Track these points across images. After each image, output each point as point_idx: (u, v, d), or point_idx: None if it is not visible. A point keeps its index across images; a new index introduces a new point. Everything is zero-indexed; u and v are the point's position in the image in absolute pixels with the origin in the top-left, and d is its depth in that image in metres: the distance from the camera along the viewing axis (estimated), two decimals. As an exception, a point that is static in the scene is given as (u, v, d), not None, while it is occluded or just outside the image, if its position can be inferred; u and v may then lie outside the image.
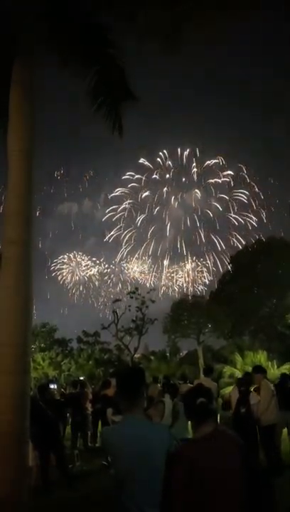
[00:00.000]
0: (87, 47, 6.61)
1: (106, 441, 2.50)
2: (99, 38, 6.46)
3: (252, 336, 35.00)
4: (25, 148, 5.23)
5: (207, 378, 9.71)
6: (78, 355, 32.29)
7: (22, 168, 5.18)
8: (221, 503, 2.26)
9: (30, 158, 5.27)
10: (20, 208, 5.06)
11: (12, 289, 4.83)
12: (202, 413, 2.51)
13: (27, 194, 5.17)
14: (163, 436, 2.41)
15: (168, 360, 31.98)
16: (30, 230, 5.18)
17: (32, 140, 5.36)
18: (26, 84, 5.43)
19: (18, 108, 5.34)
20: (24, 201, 5.12)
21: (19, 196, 5.09)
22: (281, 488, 5.72)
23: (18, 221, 5.03)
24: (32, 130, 5.38)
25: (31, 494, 5.81)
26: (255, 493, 2.41)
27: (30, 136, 5.33)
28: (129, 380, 2.51)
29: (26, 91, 5.41)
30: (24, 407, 4.72)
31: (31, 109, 5.43)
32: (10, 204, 5.08)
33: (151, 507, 2.25)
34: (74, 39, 6.51)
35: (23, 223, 5.07)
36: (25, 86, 5.42)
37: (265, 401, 7.32)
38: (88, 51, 6.65)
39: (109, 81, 6.76)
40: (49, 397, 8.40)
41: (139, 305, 30.97)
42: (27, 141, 5.28)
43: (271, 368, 19.90)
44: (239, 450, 2.46)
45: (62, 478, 7.68)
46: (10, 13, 5.89)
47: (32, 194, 5.29)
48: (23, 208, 5.08)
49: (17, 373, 4.64)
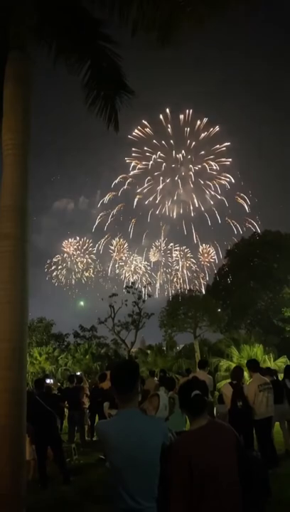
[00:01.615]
0: (81, 40, 6.56)
1: (102, 434, 2.51)
2: (93, 31, 6.42)
3: (248, 329, 35.16)
4: (20, 142, 5.20)
5: (203, 371, 9.74)
6: (75, 350, 32.30)
7: (17, 163, 5.15)
8: (218, 493, 2.28)
9: (25, 153, 5.24)
10: (16, 202, 5.04)
11: (8, 283, 4.82)
12: (197, 406, 2.53)
13: (22, 189, 5.15)
14: (158, 429, 2.43)
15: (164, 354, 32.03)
16: (26, 224, 5.17)
17: (27, 134, 5.33)
18: (20, 78, 5.39)
19: (12, 102, 5.31)
20: (19, 196, 5.09)
21: (14, 191, 5.07)
22: (276, 478, 5.81)
23: (13, 216, 5.01)
24: (27, 124, 5.35)
25: (28, 488, 5.86)
26: (250, 482, 2.43)
27: (25, 130, 5.29)
28: (123, 374, 2.52)
29: (20, 85, 5.37)
30: (21, 402, 4.73)
31: (26, 103, 5.39)
32: (5, 199, 5.06)
33: (147, 499, 2.27)
34: (67, 32, 6.46)
35: (19, 218, 5.05)
36: (20, 80, 5.38)
37: (250, 395, 7.36)
38: (82, 45, 6.61)
39: (103, 75, 6.72)
40: (46, 392, 8.42)
41: (136, 299, 31.06)
42: (22, 135, 5.25)
43: (267, 361, 20.02)
44: (234, 441, 2.49)
45: (59, 472, 7.72)
46: (1, 6, 5.84)
47: (27, 189, 5.27)
48: (18, 202, 5.06)
49: (13, 368, 4.65)
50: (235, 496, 2.35)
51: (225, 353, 23.43)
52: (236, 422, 6.37)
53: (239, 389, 7.42)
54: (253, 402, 7.32)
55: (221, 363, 21.52)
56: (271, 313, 34.32)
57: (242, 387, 7.47)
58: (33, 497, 6.08)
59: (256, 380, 7.67)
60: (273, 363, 20.15)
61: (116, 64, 6.67)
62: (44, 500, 6.48)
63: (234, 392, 7.39)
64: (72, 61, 6.65)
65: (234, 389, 7.44)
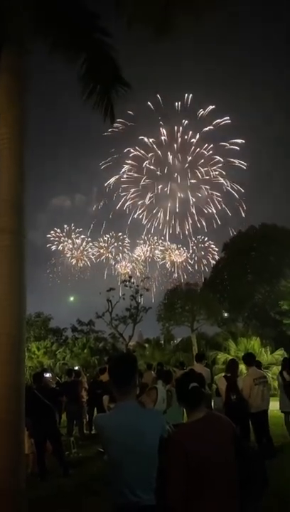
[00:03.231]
0: (77, 33, 6.52)
1: (100, 428, 2.52)
2: (89, 24, 6.37)
3: (246, 322, 35.27)
4: (15, 135, 5.17)
5: (200, 364, 9.79)
6: (73, 344, 32.36)
7: (13, 157, 5.13)
8: (216, 485, 2.30)
9: (21, 146, 5.21)
10: (12, 196, 5.02)
11: (5, 278, 4.82)
12: (195, 398, 2.54)
13: (18, 182, 5.13)
14: (156, 422, 2.44)
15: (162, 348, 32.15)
16: (23, 218, 5.15)
17: (24, 128, 5.30)
18: (17, 72, 5.35)
19: (8, 96, 5.27)
20: (15, 189, 5.07)
21: (10, 184, 5.05)
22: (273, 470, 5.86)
23: (10, 210, 4.99)
24: (24, 119, 5.32)
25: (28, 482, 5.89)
26: (248, 473, 2.45)
27: (21, 125, 5.27)
28: (121, 367, 2.53)
29: (17, 79, 5.33)
30: (19, 397, 4.74)
31: (23, 97, 5.36)
32: (1, 193, 5.04)
33: (145, 491, 2.29)
34: (63, 25, 6.41)
35: (15, 212, 5.03)
36: (16, 74, 5.34)
37: (246, 388, 7.41)
38: (78, 37, 6.56)
39: (99, 68, 6.68)
40: (44, 386, 8.45)
41: (133, 294, 31.08)
42: (18, 129, 5.22)
43: (264, 354, 20.13)
44: (231, 433, 2.50)
45: (58, 466, 7.77)
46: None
47: (24, 182, 5.24)
48: (14, 196, 5.04)
49: (11, 362, 4.65)
50: (233, 487, 2.37)
51: (223, 346, 23.53)
52: (231, 415, 6.42)
53: (233, 382, 7.47)
54: (249, 396, 7.37)
55: (218, 356, 21.62)
56: (268, 306, 34.40)
57: (235, 381, 7.52)
58: (32, 490, 6.12)
59: (251, 374, 7.73)
60: (270, 355, 20.26)
61: (112, 57, 6.63)
62: (43, 494, 6.53)
63: (228, 385, 7.45)
64: (68, 54, 6.61)
65: (228, 382, 7.50)
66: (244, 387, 7.41)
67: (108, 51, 6.55)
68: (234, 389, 7.36)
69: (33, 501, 5.67)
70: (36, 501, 5.97)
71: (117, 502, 2.35)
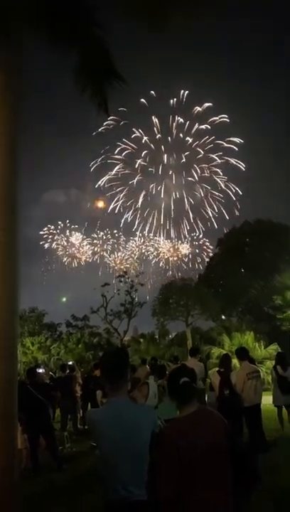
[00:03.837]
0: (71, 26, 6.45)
1: (92, 423, 2.52)
2: (83, 16, 6.30)
3: (240, 317, 35.46)
4: (8, 130, 5.13)
5: (194, 359, 9.83)
6: (67, 339, 32.35)
7: (5, 152, 5.09)
8: (208, 481, 2.31)
9: (14, 142, 5.17)
10: (5, 193, 4.99)
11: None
12: (186, 393, 2.54)
13: (12, 178, 5.10)
14: (148, 417, 2.45)
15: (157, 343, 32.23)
16: (16, 214, 5.12)
17: (16, 122, 5.25)
18: (9, 66, 5.29)
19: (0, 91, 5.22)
20: (8, 186, 5.04)
21: (3, 181, 5.01)
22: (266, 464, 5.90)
23: (3, 206, 4.96)
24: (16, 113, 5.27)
25: (21, 477, 5.90)
26: (239, 469, 2.46)
27: (14, 120, 5.22)
28: (113, 362, 2.53)
29: (9, 74, 5.27)
30: (12, 392, 4.73)
31: (14, 92, 5.30)
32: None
33: (137, 486, 2.29)
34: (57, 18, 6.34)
35: (8, 208, 5.00)
36: (8, 69, 5.28)
37: (239, 383, 7.46)
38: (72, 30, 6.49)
39: (94, 61, 6.62)
40: (38, 381, 8.44)
41: (128, 289, 31.10)
42: (11, 124, 5.18)
43: (258, 349, 20.25)
44: (223, 428, 2.51)
45: (52, 461, 7.78)
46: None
47: (17, 178, 5.21)
48: (7, 193, 5.01)
49: (4, 358, 4.64)
50: (225, 482, 2.37)
51: (217, 340, 23.64)
52: (224, 409, 6.46)
53: (227, 377, 7.50)
54: (242, 390, 7.41)
55: (212, 350, 21.72)
56: (262, 301, 34.53)
57: (229, 375, 7.56)
58: (26, 485, 6.13)
59: (244, 368, 7.77)
60: (263, 350, 20.38)
61: (107, 50, 6.57)
62: (37, 489, 6.54)
63: (221, 379, 7.49)
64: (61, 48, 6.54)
65: (222, 377, 7.54)
66: (238, 382, 7.45)
67: (103, 45, 6.49)
68: (227, 383, 7.40)
69: (26, 496, 5.69)
70: (30, 496, 5.99)
71: (109, 497, 2.35)
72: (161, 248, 65.11)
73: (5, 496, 4.43)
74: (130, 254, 63.57)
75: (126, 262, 61.69)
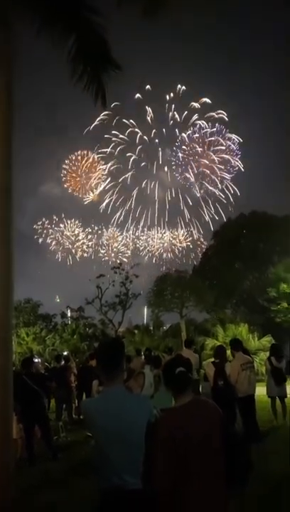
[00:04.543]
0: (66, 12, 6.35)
1: (87, 412, 2.52)
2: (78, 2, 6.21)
3: (234, 309, 35.65)
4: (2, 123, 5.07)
5: (189, 350, 9.88)
6: (62, 330, 32.36)
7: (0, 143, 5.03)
8: (203, 471, 2.32)
9: (8, 131, 5.11)
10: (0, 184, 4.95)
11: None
12: (181, 382, 2.55)
13: (6, 169, 5.05)
14: (143, 407, 2.44)
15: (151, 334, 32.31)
16: (10, 205, 5.08)
17: (10, 111, 5.18)
18: (2, 57, 5.22)
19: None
20: (3, 176, 5.00)
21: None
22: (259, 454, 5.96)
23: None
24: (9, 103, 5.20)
25: (16, 466, 5.92)
26: (233, 458, 2.47)
27: (7, 107, 5.15)
28: (108, 352, 2.52)
29: (2, 66, 5.20)
30: (7, 382, 4.73)
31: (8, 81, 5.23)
32: None
33: (132, 475, 2.30)
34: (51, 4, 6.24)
35: (2, 198, 4.96)
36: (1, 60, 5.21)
37: (233, 373, 7.50)
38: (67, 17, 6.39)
39: (89, 49, 6.52)
40: (33, 371, 8.44)
41: (123, 280, 31.06)
42: (4, 116, 5.11)
43: (251, 340, 20.38)
44: (218, 417, 2.52)
45: (47, 450, 7.82)
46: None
47: (11, 169, 5.16)
48: (1, 184, 4.96)
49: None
50: (220, 472, 2.38)
51: (211, 332, 23.74)
52: (218, 400, 6.50)
53: (221, 368, 7.55)
54: (236, 381, 7.46)
55: (207, 341, 21.81)
56: (257, 293, 34.71)
57: (223, 366, 7.60)
58: (20, 474, 6.15)
59: (238, 359, 7.82)
60: (257, 341, 20.51)
61: (102, 38, 6.48)
62: (32, 478, 6.57)
63: (215, 370, 7.54)
64: (56, 34, 6.43)
65: (216, 368, 7.58)
66: (232, 373, 7.50)
67: (99, 32, 6.40)
68: (221, 374, 7.45)
69: (21, 485, 5.72)
70: (24, 485, 6.02)
71: (104, 486, 2.35)
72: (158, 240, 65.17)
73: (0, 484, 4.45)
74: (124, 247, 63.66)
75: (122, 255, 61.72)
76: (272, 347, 10.76)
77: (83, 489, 5.45)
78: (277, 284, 27.78)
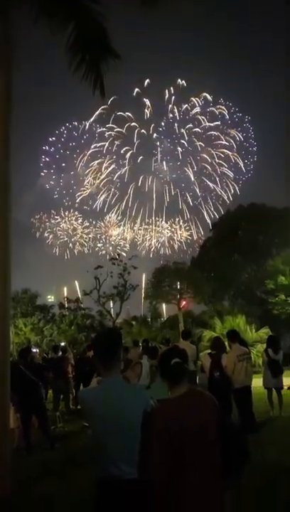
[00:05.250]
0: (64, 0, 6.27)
1: (84, 402, 2.52)
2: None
3: (232, 301, 35.69)
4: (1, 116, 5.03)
5: (186, 341, 9.90)
6: (60, 321, 32.44)
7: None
8: (199, 461, 2.32)
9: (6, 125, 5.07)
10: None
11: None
12: (177, 373, 2.54)
13: (3, 160, 5.01)
14: (140, 396, 2.44)
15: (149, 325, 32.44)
16: (7, 196, 5.06)
17: (9, 108, 5.14)
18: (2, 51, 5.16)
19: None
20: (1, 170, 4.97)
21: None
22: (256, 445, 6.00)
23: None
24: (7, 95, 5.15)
25: (14, 455, 5.95)
26: (229, 447, 2.47)
27: (6, 104, 5.10)
28: (105, 342, 2.52)
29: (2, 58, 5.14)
30: (4, 372, 4.74)
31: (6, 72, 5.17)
32: None
33: (128, 464, 2.31)
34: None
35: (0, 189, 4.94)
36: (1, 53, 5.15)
37: (229, 364, 7.53)
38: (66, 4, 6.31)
39: (88, 37, 6.44)
40: (31, 361, 8.45)
41: (121, 271, 31.06)
42: (3, 110, 5.06)
43: (249, 332, 20.43)
44: (213, 408, 2.52)
45: (44, 440, 7.86)
46: None
47: (9, 161, 5.13)
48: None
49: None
50: (216, 463, 2.39)
51: (209, 324, 23.80)
52: (214, 391, 6.52)
53: (217, 359, 7.57)
54: (232, 372, 7.49)
55: (204, 333, 21.86)
56: (255, 285, 34.79)
57: (220, 358, 7.62)
58: (18, 464, 6.18)
59: (235, 350, 7.85)
60: (255, 333, 20.57)
61: (101, 26, 6.40)
62: (29, 467, 6.60)
63: (212, 362, 7.56)
64: (55, 22, 6.34)
65: (212, 359, 7.60)
66: (228, 364, 7.53)
67: (98, 19, 6.32)
68: (217, 365, 7.47)
69: (19, 474, 5.75)
70: (22, 474, 6.05)
71: (100, 475, 2.36)
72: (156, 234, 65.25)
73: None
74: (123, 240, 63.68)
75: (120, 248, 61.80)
76: (269, 339, 10.78)
77: (80, 479, 5.48)
78: (275, 276, 27.79)
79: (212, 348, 8.11)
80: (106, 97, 7.16)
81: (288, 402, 9.73)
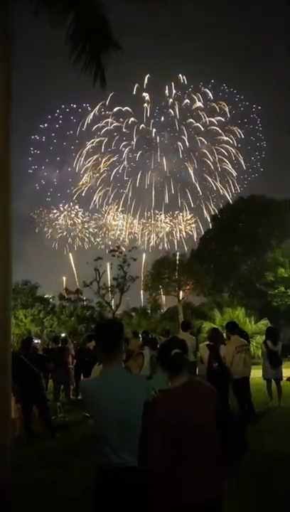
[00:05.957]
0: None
1: (85, 392, 2.54)
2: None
3: (231, 292, 35.78)
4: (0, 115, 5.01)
5: (186, 333, 9.95)
6: (60, 312, 32.49)
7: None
8: (198, 450, 2.35)
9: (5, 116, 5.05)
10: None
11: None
12: (177, 364, 2.57)
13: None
14: (141, 386, 2.47)
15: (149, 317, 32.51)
16: (7, 186, 5.05)
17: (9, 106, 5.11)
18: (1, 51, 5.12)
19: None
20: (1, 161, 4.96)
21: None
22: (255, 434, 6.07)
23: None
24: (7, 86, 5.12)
25: (15, 445, 6.01)
26: (228, 436, 2.50)
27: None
28: (107, 332, 2.53)
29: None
30: (5, 362, 4.77)
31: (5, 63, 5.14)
32: None
33: (129, 454, 2.34)
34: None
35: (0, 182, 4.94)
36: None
37: (228, 356, 7.58)
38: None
39: (89, 27, 6.37)
40: (32, 352, 8.50)
41: (121, 263, 31.06)
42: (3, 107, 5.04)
43: (248, 324, 20.51)
44: (213, 398, 2.54)
45: (45, 430, 7.93)
46: None
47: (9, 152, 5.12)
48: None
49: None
50: (215, 452, 2.42)
51: (208, 315, 23.88)
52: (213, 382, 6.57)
53: (216, 351, 7.62)
54: (231, 363, 7.54)
55: (203, 325, 21.95)
56: (254, 277, 34.84)
57: (218, 349, 7.68)
58: (19, 453, 6.24)
59: (234, 342, 7.90)
60: (254, 325, 20.66)
61: (102, 16, 6.33)
62: (29, 457, 6.67)
63: (210, 353, 7.61)
64: (55, 13, 6.27)
65: (211, 350, 7.65)
66: (227, 355, 7.58)
67: (98, 9, 6.25)
68: (216, 357, 7.53)
69: (19, 463, 5.80)
70: (23, 463, 6.11)
71: (101, 463, 2.39)
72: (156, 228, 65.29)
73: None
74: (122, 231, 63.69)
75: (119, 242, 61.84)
76: (268, 330, 10.84)
77: (81, 468, 5.54)
78: (275, 269, 27.83)
79: (210, 340, 8.16)
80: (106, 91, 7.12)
81: (287, 393, 9.82)
